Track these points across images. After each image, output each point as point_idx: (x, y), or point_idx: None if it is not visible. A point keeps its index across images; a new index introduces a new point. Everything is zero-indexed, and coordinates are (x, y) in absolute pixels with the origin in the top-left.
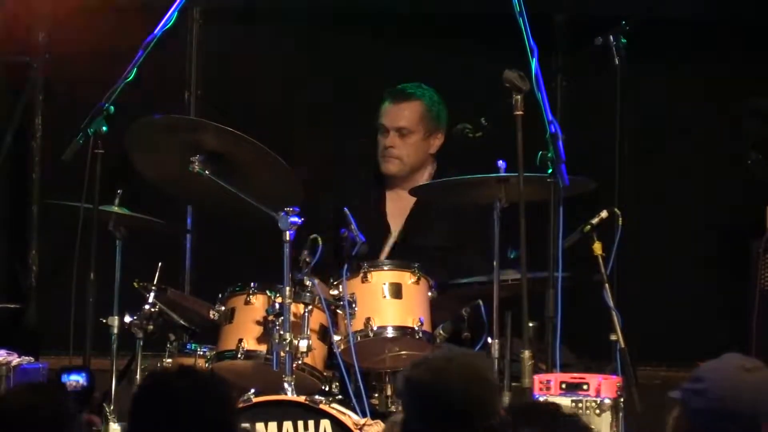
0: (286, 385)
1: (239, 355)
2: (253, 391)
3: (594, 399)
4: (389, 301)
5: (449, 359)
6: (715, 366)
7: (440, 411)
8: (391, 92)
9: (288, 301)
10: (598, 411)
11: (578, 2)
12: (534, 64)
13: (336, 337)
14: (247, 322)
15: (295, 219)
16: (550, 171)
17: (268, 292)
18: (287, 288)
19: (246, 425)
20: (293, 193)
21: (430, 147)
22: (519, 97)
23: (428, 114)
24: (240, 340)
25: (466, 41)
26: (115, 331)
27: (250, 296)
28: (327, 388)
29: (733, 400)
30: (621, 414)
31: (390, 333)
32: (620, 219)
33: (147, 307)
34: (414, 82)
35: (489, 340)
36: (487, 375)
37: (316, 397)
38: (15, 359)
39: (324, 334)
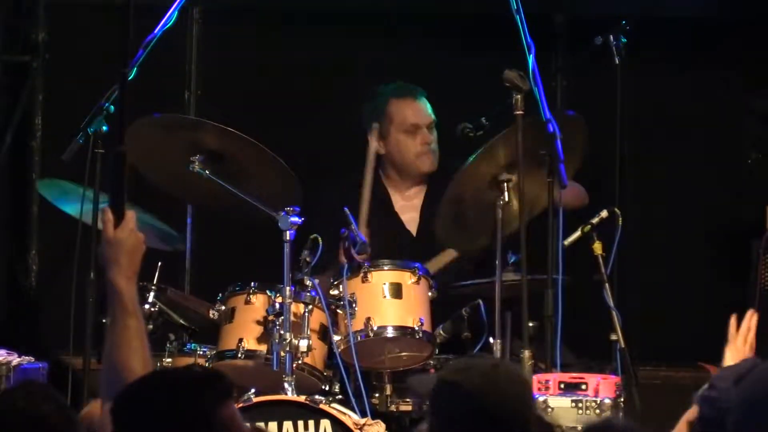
0: (286, 385)
1: (239, 355)
2: (253, 390)
3: (593, 399)
4: (389, 301)
5: (495, 364)
6: (728, 373)
7: (491, 416)
8: (407, 91)
9: (288, 301)
10: (597, 411)
11: (578, 2)
12: (531, 60)
13: (336, 337)
14: (247, 322)
15: (295, 219)
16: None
17: (268, 291)
18: (287, 288)
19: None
20: (293, 193)
21: None
22: (519, 96)
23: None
24: (240, 340)
25: (465, 41)
26: None
27: (250, 296)
28: (327, 388)
29: None
30: (621, 414)
31: (390, 333)
32: (620, 219)
33: (147, 306)
34: (414, 82)
35: (491, 339)
36: (528, 380)
37: (316, 397)
38: (15, 359)
39: (324, 333)
